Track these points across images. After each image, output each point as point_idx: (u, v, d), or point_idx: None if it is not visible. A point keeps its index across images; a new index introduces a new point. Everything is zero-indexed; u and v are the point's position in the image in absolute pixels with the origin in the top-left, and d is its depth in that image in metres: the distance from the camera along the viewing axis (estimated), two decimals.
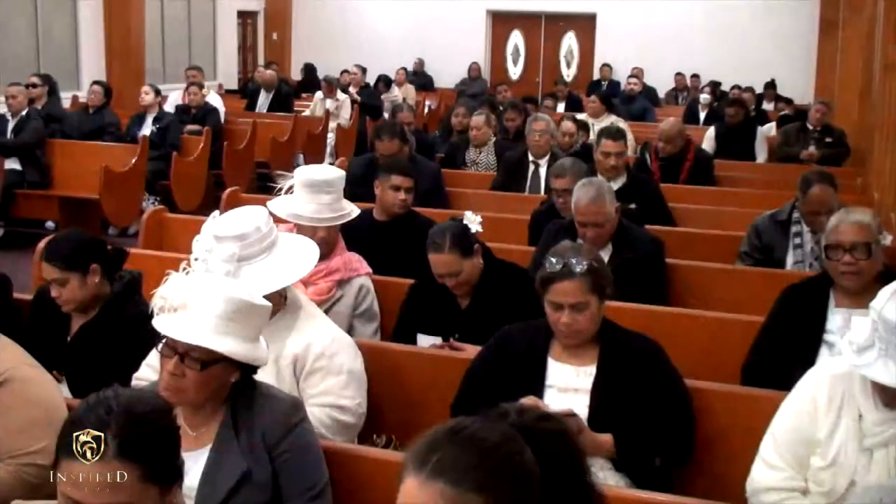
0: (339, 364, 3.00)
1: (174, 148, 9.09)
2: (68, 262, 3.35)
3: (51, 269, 3.36)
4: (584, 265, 2.87)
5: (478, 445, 1.41)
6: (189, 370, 2.31)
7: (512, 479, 1.39)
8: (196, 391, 2.36)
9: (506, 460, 1.40)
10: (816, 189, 4.61)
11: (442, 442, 1.43)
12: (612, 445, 2.86)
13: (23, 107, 8.39)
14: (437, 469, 1.39)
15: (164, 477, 1.83)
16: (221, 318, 2.31)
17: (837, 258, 3.39)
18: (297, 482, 2.45)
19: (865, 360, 2.41)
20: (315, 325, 3.05)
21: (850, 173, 7.98)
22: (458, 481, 1.37)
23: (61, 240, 3.49)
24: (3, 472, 2.60)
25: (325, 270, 3.77)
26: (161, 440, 1.84)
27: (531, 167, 6.81)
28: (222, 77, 16.51)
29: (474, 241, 3.69)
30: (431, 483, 1.38)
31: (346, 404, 2.99)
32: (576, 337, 2.93)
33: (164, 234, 5.45)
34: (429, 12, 17.59)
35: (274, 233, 3.00)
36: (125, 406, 1.82)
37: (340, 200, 3.81)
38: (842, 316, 3.41)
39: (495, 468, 1.39)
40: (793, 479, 2.60)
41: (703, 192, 6.86)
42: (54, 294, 3.38)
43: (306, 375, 2.98)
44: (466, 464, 1.39)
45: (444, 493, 1.37)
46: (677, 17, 16.49)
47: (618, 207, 4.30)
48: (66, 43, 12.80)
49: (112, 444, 1.75)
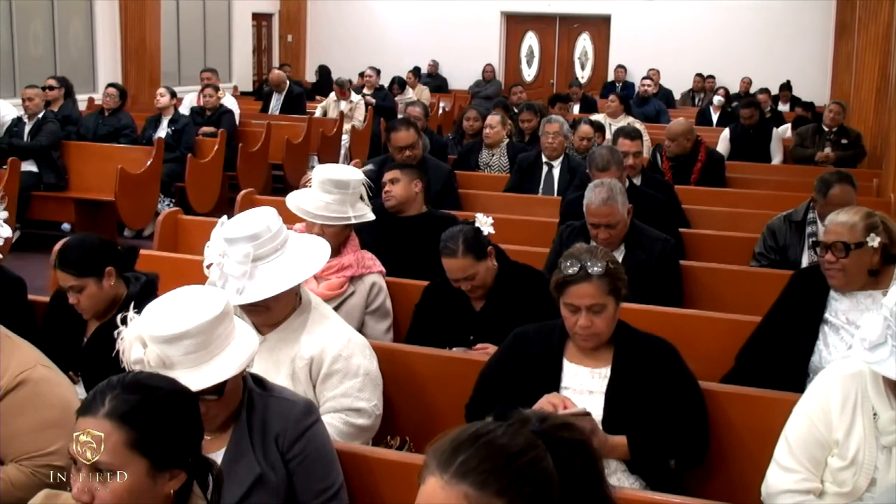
0: (356, 366, 3.00)
1: (189, 150, 9.13)
2: (82, 268, 3.36)
3: (66, 276, 3.37)
4: (601, 267, 2.87)
5: (502, 450, 1.43)
6: (211, 405, 2.30)
7: (534, 484, 1.40)
8: (225, 412, 2.39)
9: (528, 466, 1.42)
10: (837, 189, 4.59)
11: (466, 445, 1.44)
12: (626, 447, 2.86)
13: (39, 109, 8.45)
14: (462, 471, 1.40)
15: (158, 455, 1.82)
16: (201, 350, 2.25)
17: (821, 256, 3.46)
18: (312, 484, 2.45)
19: (879, 357, 2.40)
20: (329, 326, 3.05)
21: (865, 175, 7.93)
22: (482, 484, 1.38)
23: (73, 246, 3.46)
24: (19, 473, 2.61)
25: (336, 266, 3.82)
26: (162, 416, 1.84)
27: (545, 168, 6.82)
28: (237, 79, 16.58)
29: (487, 244, 3.69)
30: (455, 485, 1.39)
31: (362, 406, 3.00)
32: (593, 340, 2.93)
33: (179, 236, 5.47)
34: (443, 14, 17.60)
35: (284, 232, 3.00)
36: (141, 377, 1.89)
37: (346, 204, 3.83)
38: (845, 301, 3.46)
39: (518, 473, 1.40)
40: (808, 480, 2.59)
41: (718, 193, 6.85)
42: (72, 301, 3.39)
43: (323, 378, 2.97)
44: (491, 467, 1.40)
45: (469, 495, 1.38)
46: (692, 19, 16.45)
47: (630, 209, 4.30)
48: (82, 45, 12.87)
49: (107, 403, 1.81)
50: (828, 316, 3.48)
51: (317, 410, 2.55)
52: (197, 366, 2.25)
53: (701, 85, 15.38)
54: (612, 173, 4.96)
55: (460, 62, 17.26)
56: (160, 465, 1.83)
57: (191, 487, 1.94)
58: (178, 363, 2.23)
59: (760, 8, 16.02)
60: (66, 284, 3.38)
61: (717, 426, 3.09)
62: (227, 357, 2.30)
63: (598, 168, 5.10)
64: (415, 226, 4.70)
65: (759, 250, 4.95)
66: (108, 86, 9.49)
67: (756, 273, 4.73)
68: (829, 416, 2.57)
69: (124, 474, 1.79)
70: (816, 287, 3.53)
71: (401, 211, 4.73)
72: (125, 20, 12.90)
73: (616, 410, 2.89)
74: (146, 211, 8.45)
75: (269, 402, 2.45)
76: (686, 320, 4.00)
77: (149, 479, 1.82)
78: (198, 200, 8.98)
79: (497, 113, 7.81)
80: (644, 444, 2.86)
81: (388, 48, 17.32)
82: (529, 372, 3.00)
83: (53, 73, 11.03)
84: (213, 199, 9.31)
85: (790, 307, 3.59)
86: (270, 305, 2.90)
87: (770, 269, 4.76)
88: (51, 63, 12.14)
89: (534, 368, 3.00)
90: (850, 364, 2.62)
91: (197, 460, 1.94)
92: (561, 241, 4.49)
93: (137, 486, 1.80)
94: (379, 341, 3.90)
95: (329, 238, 3.78)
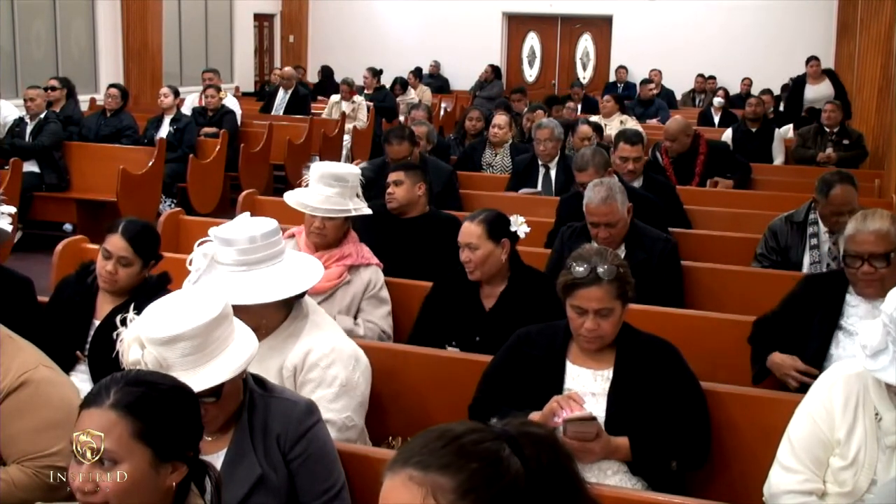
0: (332, 376, 2.92)
1: (191, 149, 9.15)
2: (142, 247, 3.52)
3: (122, 245, 3.48)
4: (612, 272, 2.86)
5: (444, 433, 1.42)
6: (209, 406, 2.29)
7: (480, 461, 1.38)
8: (224, 414, 2.39)
9: (472, 444, 1.40)
10: (838, 189, 4.58)
11: (410, 441, 1.46)
12: (629, 449, 2.85)
13: (41, 109, 8.46)
14: (405, 458, 1.41)
15: (161, 446, 1.86)
16: (198, 353, 2.25)
17: (856, 267, 3.33)
18: (314, 485, 2.45)
19: (880, 365, 2.40)
20: (317, 336, 2.98)
21: (867, 175, 7.93)
22: (423, 464, 1.38)
23: (143, 225, 3.63)
24: (21, 473, 2.61)
25: (337, 255, 3.88)
26: (165, 408, 1.89)
27: (542, 170, 6.83)
28: (239, 80, 16.58)
29: (505, 234, 3.73)
30: (399, 471, 1.39)
31: (331, 417, 2.88)
32: (598, 342, 2.92)
33: (181, 237, 5.48)
34: (444, 15, 17.60)
35: (281, 245, 2.97)
36: (143, 374, 1.95)
37: (346, 197, 3.88)
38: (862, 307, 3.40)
39: (461, 450, 1.39)
40: (810, 481, 2.59)
41: (721, 194, 6.85)
42: (109, 269, 3.48)
43: (299, 386, 2.92)
44: (432, 448, 1.40)
45: (413, 476, 1.37)
46: (693, 20, 16.45)
47: (630, 208, 4.29)
48: (84, 46, 12.88)
49: (112, 395, 1.85)
50: (843, 322, 3.44)
51: (318, 411, 2.53)
52: (193, 368, 2.23)
53: (702, 86, 15.36)
54: (588, 175, 4.96)
55: (462, 63, 17.24)
56: (163, 457, 1.87)
57: (189, 485, 1.96)
58: (175, 365, 2.22)
59: (762, 8, 16.01)
60: (116, 252, 3.48)
61: (719, 427, 3.08)
62: (224, 360, 2.29)
63: (576, 168, 5.17)
64: (416, 227, 4.71)
65: (760, 251, 4.95)
66: (109, 86, 9.51)
67: (758, 274, 4.73)
68: (832, 416, 2.57)
69: (127, 464, 1.82)
70: (833, 294, 3.47)
71: (403, 213, 4.74)
72: (127, 21, 12.90)
73: (618, 412, 2.88)
74: (148, 211, 8.44)
75: (271, 402, 2.45)
76: (688, 321, 4.00)
77: (152, 469, 1.85)
78: (199, 201, 8.99)
79: (503, 113, 7.82)
80: (646, 446, 2.86)
81: (389, 49, 17.32)
82: (532, 373, 2.99)
83: (55, 73, 11.05)
84: (214, 199, 9.32)
85: (803, 313, 3.54)
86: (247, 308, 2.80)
87: (772, 270, 4.75)
88: (52, 63, 12.15)
89: (536, 369, 2.99)
90: (852, 364, 2.61)
91: (197, 457, 1.96)
92: (562, 241, 4.49)
93: (140, 477, 1.84)
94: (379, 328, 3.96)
95: (330, 231, 3.87)
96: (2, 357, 2.67)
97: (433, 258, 4.45)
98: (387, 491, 1.40)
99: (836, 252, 4.67)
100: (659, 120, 11.95)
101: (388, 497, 1.40)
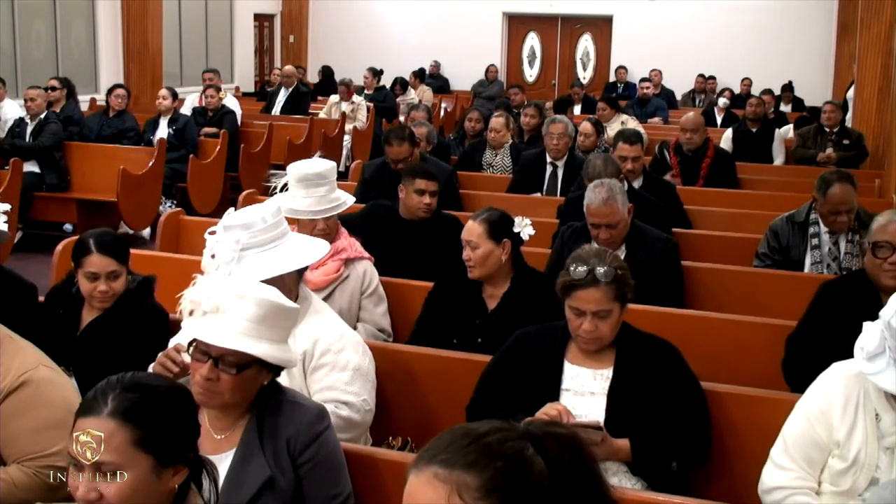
0: (344, 360, 3.01)
1: (194, 147, 9.14)
2: (120, 253, 3.50)
3: (109, 261, 3.45)
4: (610, 273, 2.86)
5: (469, 432, 1.43)
6: (224, 374, 2.30)
7: (505, 460, 1.38)
8: (231, 394, 2.35)
9: (498, 443, 1.41)
10: (836, 188, 4.58)
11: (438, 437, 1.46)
12: (629, 449, 2.85)
13: (41, 110, 8.46)
14: (430, 455, 1.41)
15: (162, 452, 1.85)
16: (253, 322, 2.30)
17: (884, 257, 3.37)
18: (320, 490, 2.45)
19: (876, 368, 2.40)
20: (322, 321, 3.07)
21: (867, 175, 7.93)
22: (448, 462, 1.38)
23: (109, 235, 3.57)
24: (21, 473, 2.61)
25: (332, 250, 3.86)
26: (164, 413, 1.87)
27: (549, 168, 6.82)
28: (239, 80, 16.58)
29: (507, 235, 3.72)
30: (424, 469, 1.40)
31: (350, 400, 2.98)
32: (596, 343, 2.92)
33: (182, 237, 5.48)
34: (445, 15, 17.59)
35: (283, 226, 3.04)
36: (137, 377, 1.92)
37: (334, 191, 3.90)
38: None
39: (486, 449, 1.39)
40: (801, 478, 2.59)
41: (721, 194, 6.84)
42: (103, 288, 3.45)
43: (312, 370, 2.99)
44: (458, 446, 1.40)
45: (438, 474, 1.38)
46: (694, 19, 16.44)
47: (630, 208, 4.29)
48: (84, 46, 12.88)
49: (110, 403, 1.83)
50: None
51: (329, 417, 2.54)
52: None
53: (702, 86, 15.36)
54: None
55: (462, 63, 17.25)
56: (164, 462, 1.86)
57: (189, 485, 1.95)
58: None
59: (762, 8, 16.00)
60: (106, 270, 3.44)
61: (719, 427, 3.09)
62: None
63: (587, 178, 5.15)
64: (418, 227, 4.72)
65: (761, 251, 4.95)
66: (116, 86, 9.51)
67: (759, 274, 4.73)
68: (829, 418, 2.57)
69: (128, 473, 1.81)
70: (865, 292, 3.46)
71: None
72: (127, 21, 12.89)
73: (618, 412, 2.88)
74: (148, 211, 8.46)
75: (282, 405, 2.45)
76: (688, 321, 4.00)
77: (153, 475, 1.84)
78: (200, 201, 8.99)
79: (500, 115, 7.81)
80: (646, 446, 2.86)
81: (389, 49, 17.32)
82: (531, 373, 2.99)
83: (55, 73, 11.05)
84: (214, 199, 9.32)
85: (837, 318, 3.45)
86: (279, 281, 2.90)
87: (772, 270, 4.76)
88: (53, 64, 12.15)
89: (535, 370, 2.99)
90: (851, 364, 2.60)
91: (196, 457, 1.96)
92: (562, 241, 4.49)
93: (143, 483, 1.83)
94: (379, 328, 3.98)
95: (332, 228, 3.90)
96: (2, 357, 2.67)
97: (435, 258, 4.45)
98: (411, 488, 1.41)
99: (836, 253, 4.67)
100: (660, 120, 11.96)
101: (412, 494, 1.40)
